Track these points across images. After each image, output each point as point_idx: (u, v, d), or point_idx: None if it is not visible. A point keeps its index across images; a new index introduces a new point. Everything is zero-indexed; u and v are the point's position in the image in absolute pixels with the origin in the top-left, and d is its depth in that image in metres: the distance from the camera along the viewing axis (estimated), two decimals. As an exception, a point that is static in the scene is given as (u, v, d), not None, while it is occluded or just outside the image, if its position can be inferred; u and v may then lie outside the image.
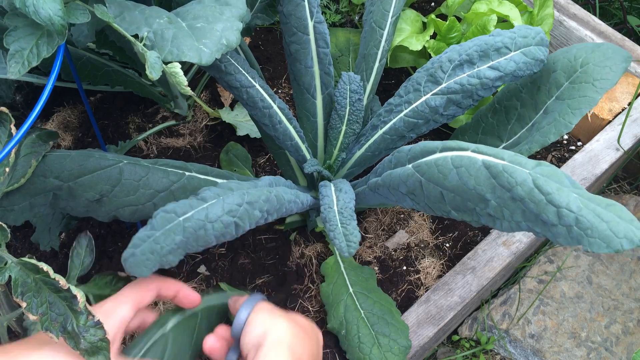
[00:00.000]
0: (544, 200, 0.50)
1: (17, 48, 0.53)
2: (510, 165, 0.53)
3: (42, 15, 0.50)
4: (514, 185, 0.52)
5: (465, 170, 0.55)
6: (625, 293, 0.98)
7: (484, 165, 0.54)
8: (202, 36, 0.61)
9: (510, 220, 0.54)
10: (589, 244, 0.48)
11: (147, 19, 0.61)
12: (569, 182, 0.51)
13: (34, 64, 0.54)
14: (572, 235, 0.49)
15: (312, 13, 0.78)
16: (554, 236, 0.51)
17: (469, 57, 0.70)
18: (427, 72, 0.73)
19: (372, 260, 0.98)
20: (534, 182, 0.51)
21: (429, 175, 0.59)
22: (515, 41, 0.68)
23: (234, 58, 0.73)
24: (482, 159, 0.55)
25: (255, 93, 0.75)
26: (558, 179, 0.51)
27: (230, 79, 0.73)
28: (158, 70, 0.58)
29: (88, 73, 1.03)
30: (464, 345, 0.99)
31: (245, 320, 0.57)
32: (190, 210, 0.57)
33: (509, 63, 0.68)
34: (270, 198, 0.63)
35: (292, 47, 0.80)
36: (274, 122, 0.77)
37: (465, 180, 0.55)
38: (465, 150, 0.57)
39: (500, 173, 0.53)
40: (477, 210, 0.57)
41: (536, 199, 0.50)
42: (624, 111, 1.06)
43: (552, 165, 0.53)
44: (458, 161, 0.56)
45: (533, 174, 0.51)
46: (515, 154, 0.54)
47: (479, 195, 0.55)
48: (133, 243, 0.56)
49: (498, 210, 0.54)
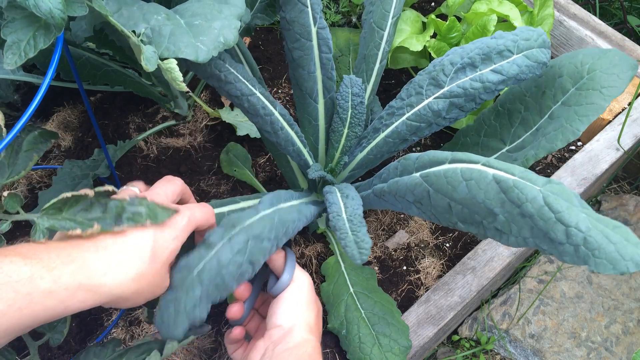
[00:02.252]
0: (553, 218, 0.50)
1: (14, 39, 0.53)
2: (521, 181, 0.53)
3: (42, 9, 0.50)
4: (524, 201, 0.52)
5: (475, 183, 0.55)
6: (625, 293, 0.98)
7: (495, 180, 0.54)
8: (200, 34, 0.61)
9: (517, 236, 0.54)
10: (596, 265, 0.49)
11: (145, 15, 0.61)
12: (577, 202, 0.51)
13: (31, 55, 0.54)
14: (579, 254, 0.50)
15: (315, 19, 0.78)
16: (561, 254, 0.51)
17: (471, 60, 0.69)
18: (429, 75, 0.73)
19: (372, 260, 0.98)
20: (544, 199, 0.51)
21: (438, 186, 0.59)
22: (517, 44, 0.68)
23: (233, 67, 0.72)
24: (493, 173, 0.55)
25: (256, 101, 0.74)
26: (567, 198, 0.51)
27: (231, 88, 0.72)
28: (154, 63, 0.58)
29: (88, 73, 1.03)
30: (464, 345, 0.99)
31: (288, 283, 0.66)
32: (201, 261, 0.57)
33: (512, 66, 0.68)
34: (274, 225, 0.63)
35: (294, 54, 0.79)
36: (276, 128, 0.77)
37: (474, 194, 0.55)
38: (476, 163, 0.57)
39: (510, 188, 0.53)
40: (484, 223, 0.57)
41: (546, 216, 0.50)
42: (624, 111, 1.06)
43: (561, 183, 0.53)
44: (468, 174, 0.56)
45: (544, 192, 0.51)
46: (525, 170, 0.54)
47: (488, 209, 0.55)
48: (160, 306, 0.57)
49: (506, 225, 0.54)
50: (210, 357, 0.90)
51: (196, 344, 0.91)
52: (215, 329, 0.92)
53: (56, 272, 0.45)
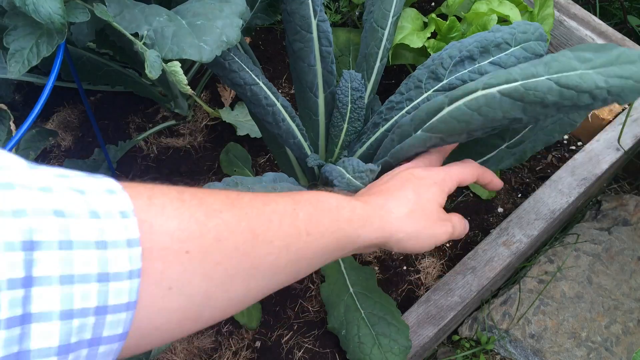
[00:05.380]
0: (575, 94, 0.50)
1: (17, 47, 0.53)
2: (529, 82, 0.52)
3: (41, 14, 0.50)
4: (542, 97, 0.51)
5: (487, 107, 0.55)
6: (626, 293, 0.98)
7: (503, 94, 0.54)
8: (202, 33, 0.61)
9: (545, 119, 0.55)
10: (624, 101, 0.49)
11: (147, 17, 0.61)
12: (579, 63, 0.51)
13: (34, 63, 0.54)
14: (607, 103, 0.50)
15: (315, 11, 0.78)
16: (594, 108, 0.52)
17: (469, 53, 0.70)
18: (427, 68, 0.73)
19: (372, 260, 0.98)
20: (557, 84, 0.51)
21: (449, 129, 0.59)
22: (515, 37, 0.68)
23: (237, 56, 0.72)
24: (498, 90, 0.54)
25: (259, 91, 0.74)
26: (571, 66, 0.51)
27: (234, 77, 0.72)
28: (157, 69, 0.58)
29: (88, 73, 1.03)
30: (464, 345, 0.99)
31: None
32: None
33: (510, 58, 0.68)
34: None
35: (295, 46, 0.80)
36: (277, 119, 0.77)
37: (491, 116, 0.55)
38: (475, 91, 0.56)
39: (524, 94, 0.52)
40: (512, 125, 0.57)
41: (567, 96, 0.50)
42: (624, 111, 1.06)
43: (558, 55, 0.53)
44: (475, 104, 0.56)
45: (553, 78, 0.51)
46: (523, 69, 0.54)
47: (510, 119, 0.55)
48: None
49: (532, 120, 0.55)
50: (210, 357, 0.90)
51: (196, 344, 0.91)
52: (215, 329, 0.93)
53: (353, 203, 0.52)
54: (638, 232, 1.04)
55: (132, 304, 0.33)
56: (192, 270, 0.38)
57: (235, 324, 0.93)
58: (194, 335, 0.90)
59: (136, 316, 0.34)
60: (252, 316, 0.92)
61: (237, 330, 0.93)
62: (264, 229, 0.43)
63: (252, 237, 0.42)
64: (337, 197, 0.52)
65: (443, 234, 0.59)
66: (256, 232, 0.42)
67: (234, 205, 0.42)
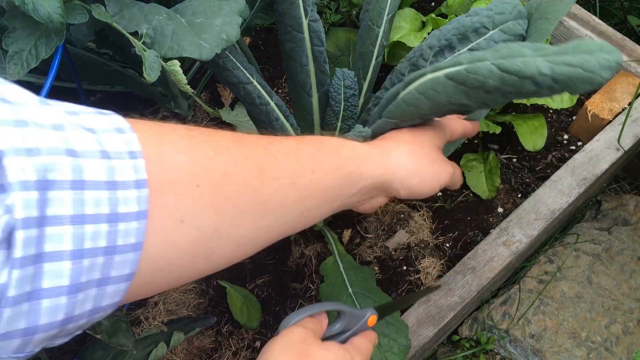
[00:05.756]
0: (517, 80, 0.49)
1: (15, 49, 0.53)
2: (472, 66, 0.51)
3: (41, 13, 0.50)
4: (482, 81, 0.50)
5: (433, 91, 0.54)
6: (625, 293, 0.98)
7: (447, 78, 0.53)
8: (202, 31, 0.61)
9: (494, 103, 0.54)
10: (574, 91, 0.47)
11: (146, 15, 0.61)
12: (531, 51, 0.49)
13: (33, 65, 0.54)
14: (555, 91, 0.49)
15: (306, 11, 0.78)
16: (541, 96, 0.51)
17: (448, 41, 0.69)
18: (409, 61, 0.73)
19: (372, 260, 0.98)
20: (499, 68, 0.49)
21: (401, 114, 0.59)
22: (492, 19, 0.67)
23: (232, 54, 0.72)
24: (444, 73, 0.53)
25: (252, 89, 0.74)
26: (521, 54, 0.49)
27: (228, 75, 0.72)
28: (156, 71, 0.58)
29: (88, 73, 1.03)
30: (464, 345, 0.99)
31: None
32: None
33: (489, 43, 0.67)
34: None
35: (286, 46, 0.80)
36: (271, 118, 0.77)
37: (437, 100, 0.55)
38: (425, 75, 0.55)
39: (466, 77, 0.51)
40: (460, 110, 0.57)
41: (509, 81, 0.49)
42: (624, 111, 1.06)
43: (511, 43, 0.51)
44: (423, 87, 0.55)
45: (497, 63, 0.49)
46: (472, 54, 0.53)
47: (456, 104, 0.54)
48: None
49: (479, 105, 0.54)
50: (210, 357, 0.90)
51: (196, 344, 0.91)
52: (215, 329, 0.93)
53: (352, 143, 0.54)
54: (638, 232, 1.04)
55: (139, 244, 0.34)
56: (203, 203, 0.38)
57: (235, 323, 0.93)
58: (194, 335, 0.90)
59: (150, 249, 0.35)
60: (252, 316, 0.92)
61: (237, 330, 0.93)
62: (270, 166, 0.44)
63: (260, 173, 0.43)
64: (337, 139, 0.54)
65: (445, 172, 0.59)
66: (263, 168, 0.43)
67: (240, 143, 0.43)
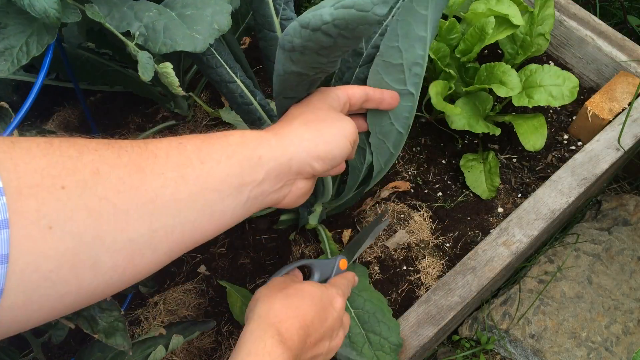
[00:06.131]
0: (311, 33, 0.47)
1: (6, 46, 0.52)
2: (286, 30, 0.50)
3: (37, 8, 0.49)
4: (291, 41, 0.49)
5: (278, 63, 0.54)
6: (626, 293, 0.98)
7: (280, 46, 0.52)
8: (193, 23, 0.61)
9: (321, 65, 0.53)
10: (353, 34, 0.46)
11: (137, 13, 0.61)
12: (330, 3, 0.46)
13: (24, 62, 0.53)
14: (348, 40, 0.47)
15: (277, 10, 0.76)
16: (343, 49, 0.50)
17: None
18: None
19: (372, 260, 0.98)
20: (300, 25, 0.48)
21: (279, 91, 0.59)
22: None
23: (218, 51, 0.71)
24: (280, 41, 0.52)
25: (235, 88, 0.73)
26: (321, 6, 0.47)
27: (211, 73, 0.71)
28: (150, 71, 0.58)
29: (87, 73, 1.03)
30: (464, 345, 0.99)
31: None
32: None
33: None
34: None
35: (260, 44, 0.78)
36: (254, 118, 0.76)
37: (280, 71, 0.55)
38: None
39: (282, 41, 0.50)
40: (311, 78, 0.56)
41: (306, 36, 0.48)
42: (624, 111, 1.06)
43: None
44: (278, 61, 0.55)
45: (299, 19, 0.48)
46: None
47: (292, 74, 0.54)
48: None
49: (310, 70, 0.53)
50: (210, 357, 0.90)
51: (196, 344, 0.91)
52: (215, 329, 0.92)
53: (242, 131, 0.52)
54: (638, 232, 1.04)
55: (4, 257, 0.31)
56: (73, 205, 0.35)
57: (236, 323, 0.93)
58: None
59: (18, 262, 0.32)
60: (251, 316, 0.92)
61: (237, 331, 0.93)
62: (150, 163, 0.41)
63: (138, 170, 0.40)
64: (228, 131, 0.51)
65: (348, 126, 0.57)
66: (141, 165, 0.40)
67: (111, 145, 0.40)
